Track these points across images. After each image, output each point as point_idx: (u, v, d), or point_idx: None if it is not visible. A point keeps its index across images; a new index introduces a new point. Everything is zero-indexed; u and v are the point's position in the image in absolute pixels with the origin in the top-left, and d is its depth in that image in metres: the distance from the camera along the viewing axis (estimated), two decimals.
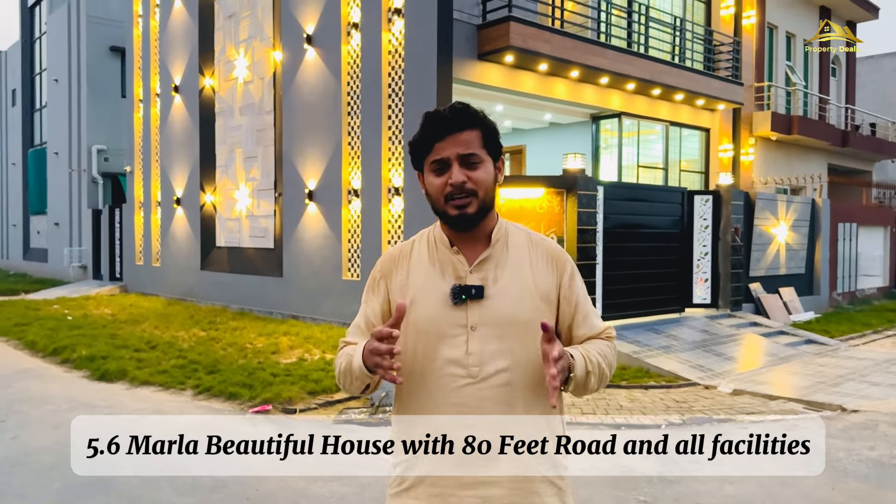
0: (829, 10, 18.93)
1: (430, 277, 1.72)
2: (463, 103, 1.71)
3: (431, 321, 1.68)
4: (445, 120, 1.68)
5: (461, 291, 1.66)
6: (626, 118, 12.80)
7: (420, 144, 1.72)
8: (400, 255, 1.79)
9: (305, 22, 11.74)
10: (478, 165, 1.68)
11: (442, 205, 1.69)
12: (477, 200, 1.68)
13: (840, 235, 14.96)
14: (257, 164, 13.19)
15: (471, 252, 1.72)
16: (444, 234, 1.75)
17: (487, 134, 1.71)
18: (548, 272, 1.74)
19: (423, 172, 1.74)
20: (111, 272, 18.40)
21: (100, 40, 19.97)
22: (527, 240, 1.79)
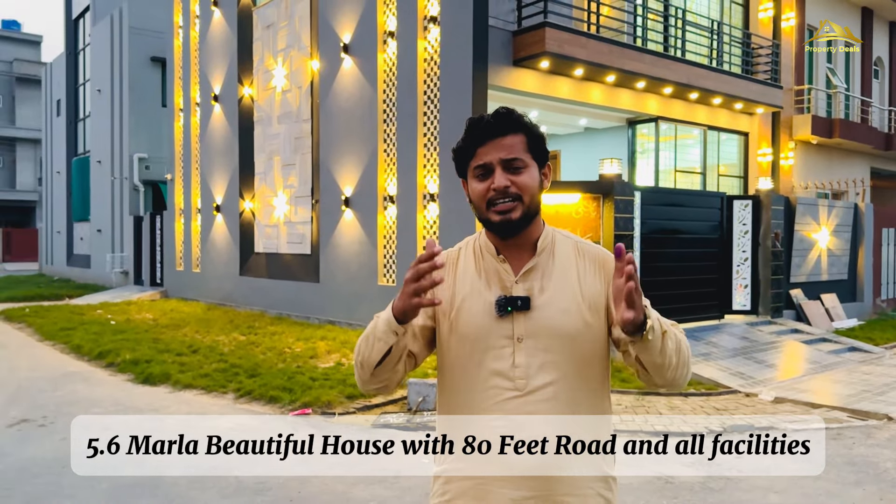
0: (871, 11, 18.53)
1: (476, 287, 1.68)
2: (507, 108, 1.69)
3: (477, 332, 1.64)
4: (488, 125, 1.66)
5: (507, 303, 1.63)
6: (662, 122, 12.69)
7: (463, 150, 1.70)
8: (446, 263, 1.74)
9: (342, 31, 11.90)
10: (522, 170, 1.65)
11: (485, 211, 1.66)
12: (522, 206, 1.64)
13: (884, 240, 14.60)
14: (295, 171, 13.38)
15: (517, 261, 1.69)
16: (490, 241, 1.71)
17: (532, 139, 1.68)
18: (596, 280, 1.69)
19: (467, 179, 1.71)
20: (152, 278, 18.79)
21: (141, 51, 20.47)
22: (574, 248, 1.73)
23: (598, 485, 1.65)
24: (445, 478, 1.69)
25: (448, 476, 1.68)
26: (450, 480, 1.68)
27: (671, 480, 4.82)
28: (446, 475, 1.69)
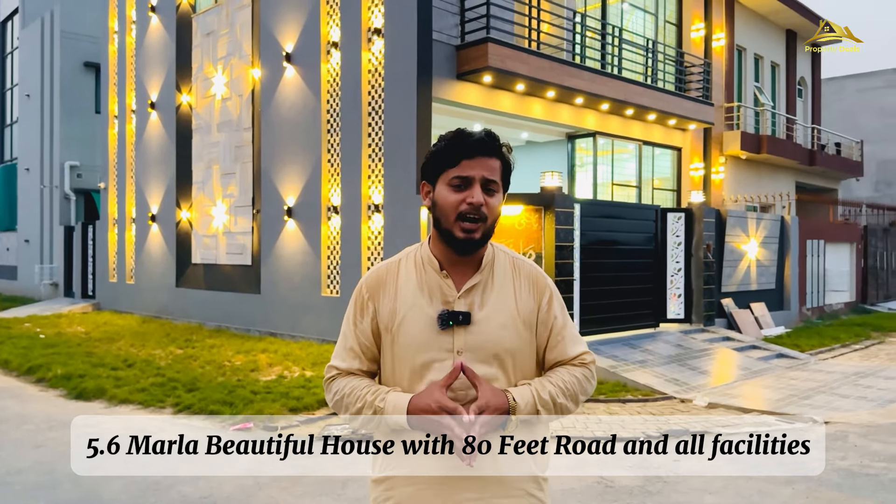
0: (795, 34, 19.54)
1: (418, 301, 1.71)
2: (493, 133, 1.74)
3: (419, 345, 1.69)
4: (481, 141, 1.70)
5: (449, 317, 1.68)
6: (600, 137, 13.06)
7: (445, 156, 1.70)
8: (387, 275, 1.77)
9: (284, 40, 11.83)
10: (495, 193, 1.71)
11: (451, 221, 1.68)
12: (484, 227, 1.69)
13: (808, 252, 15.34)
14: (235, 180, 13.18)
15: (459, 276, 1.73)
16: (434, 255, 1.75)
17: (506, 168, 1.76)
18: (529, 298, 1.77)
19: (435, 185, 1.73)
20: (83, 290, 18.14)
21: (74, 56, 19.83)
22: (511, 264, 1.80)
23: (530, 485, 1.72)
24: (388, 481, 1.73)
25: (391, 478, 1.72)
26: (392, 486, 1.72)
27: (611, 484, 4.96)
28: (389, 478, 1.73)
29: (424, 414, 1.59)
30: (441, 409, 1.57)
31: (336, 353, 1.81)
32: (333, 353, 1.82)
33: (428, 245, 1.78)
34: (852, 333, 13.28)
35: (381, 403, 1.65)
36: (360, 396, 1.69)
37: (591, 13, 12.99)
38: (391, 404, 1.64)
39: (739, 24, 17.07)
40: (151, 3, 15.29)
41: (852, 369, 9.98)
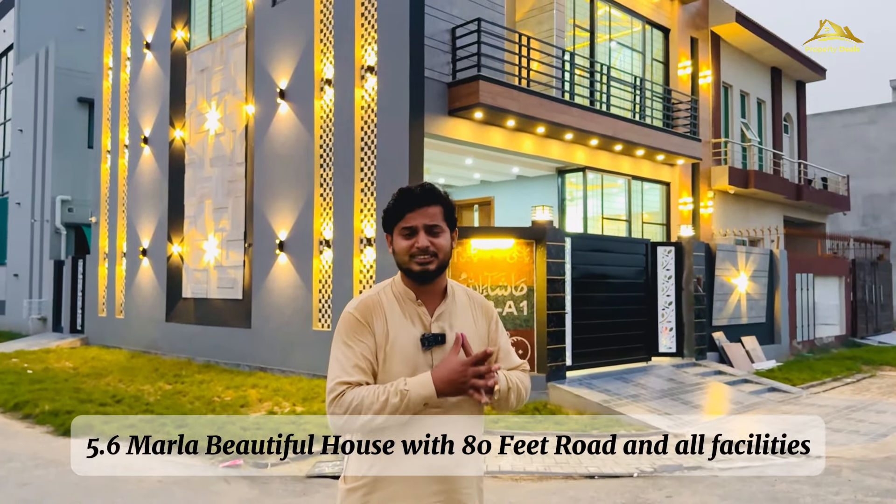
0: (780, 71, 19.94)
1: (404, 326, 2.06)
2: (431, 183, 2.12)
3: (407, 362, 2.02)
4: (417, 195, 2.07)
5: (430, 339, 2.04)
6: (590, 172, 13.20)
7: (393, 213, 2.09)
8: (375, 304, 2.08)
9: (279, 77, 11.97)
10: (440, 234, 2.08)
11: (407, 262, 2.06)
12: (437, 260, 2.06)
13: (798, 285, 15.43)
14: (227, 214, 13.21)
15: (430, 305, 2.11)
16: (408, 289, 2.10)
17: (448, 210, 2.12)
18: (483, 321, 2.19)
19: (393, 235, 2.11)
20: (72, 324, 17.98)
21: (67, 91, 19.96)
22: (466, 295, 2.21)
23: (479, 482, 2.12)
24: (368, 482, 2.00)
25: (371, 478, 2.00)
26: (374, 488, 1.99)
27: None
28: (369, 477, 2.00)
29: (449, 377, 1.94)
30: (464, 365, 1.94)
31: (340, 372, 2.01)
32: (334, 375, 2.02)
33: (400, 281, 2.13)
34: (843, 367, 13.31)
35: (405, 386, 1.94)
36: (382, 391, 1.95)
37: (580, 51, 13.24)
38: (414, 383, 1.95)
39: (725, 62, 17.42)
40: (146, 41, 15.47)
41: (844, 403, 9.99)
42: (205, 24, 14.45)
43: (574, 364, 9.90)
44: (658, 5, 15.06)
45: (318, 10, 11.39)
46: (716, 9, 16.59)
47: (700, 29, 16.33)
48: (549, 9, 12.31)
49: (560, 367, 9.43)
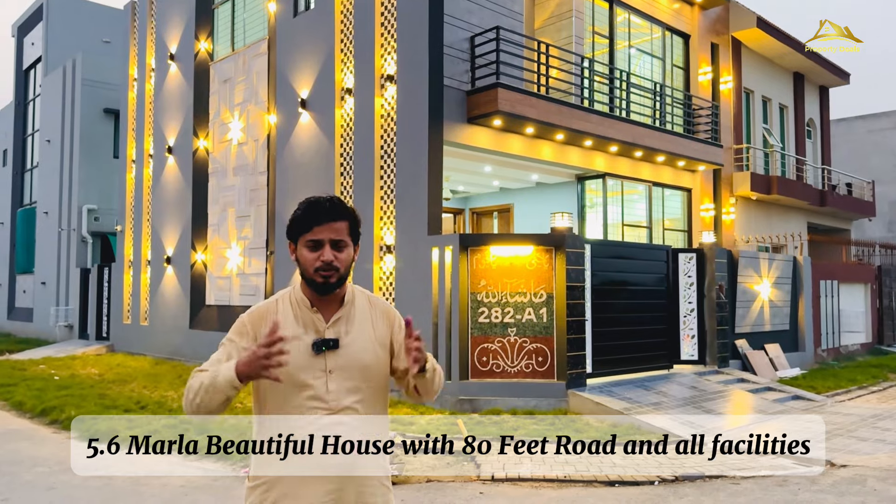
0: (802, 76, 19.75)
1: (295, 332, 2.13)
2: (338, 197, 2.19)
3: (297, 368, 2.08)
4: (326, 210, 2.14)
5: (322, 344, 2.12)
6: (609, 179, 13.17)
7: (301, 224, 2.15)
8: (267, 312, 2.18)
9: (300, 87, 12.12)
10: (344, 249, 2.16)
11: (311, 273, 2.13)
12: (338, 274, 2.14)
13: (822, 292, 15.24)
14: (250, 222, 13.37)
15: (326, 311, 2.18)
16: (306, 296, 2.18)
17: (353, 224, 2.20)
18: (383, 325, 2.25)
19: (297, 245, 2.18)
20: (98, 331, 18.26)
21: (94, 102, 20.34)
22: (367, 301, 2.28)
23: (384, 480, 2.19)
24: (266, 481, 2.08)
25: (269, 477, 2.08)
26: (271, 487, 2.07)
27: None
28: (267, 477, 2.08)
29: (245, 358, 1.96)
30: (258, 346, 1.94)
31: (205, 364, 2.13)
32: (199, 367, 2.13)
33: (299, 288, 2.21)
34: (869, 375, 13.10)
35: (213, 371, 2.02)
36: (202, 374, 2.04)
37: (599, 58, 13.24)
38: (225, 366, 2.00)
39: (746, 68, 17.30)
40: (171, 52, 15.74)
41: (870, 412, 9.84)
42: (227, 35, 14.68)
43: (594, 371, 9.86)
44: (678, 11, 15.02)
45: (339, 21, 11.52)
46: (737, 14, 16.49)
47: (721, 34, 16.25)
48: (568, 16, 12.34)
49: (580, 375, 9.40)
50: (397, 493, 5.82)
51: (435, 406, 9.24)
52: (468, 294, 9.32)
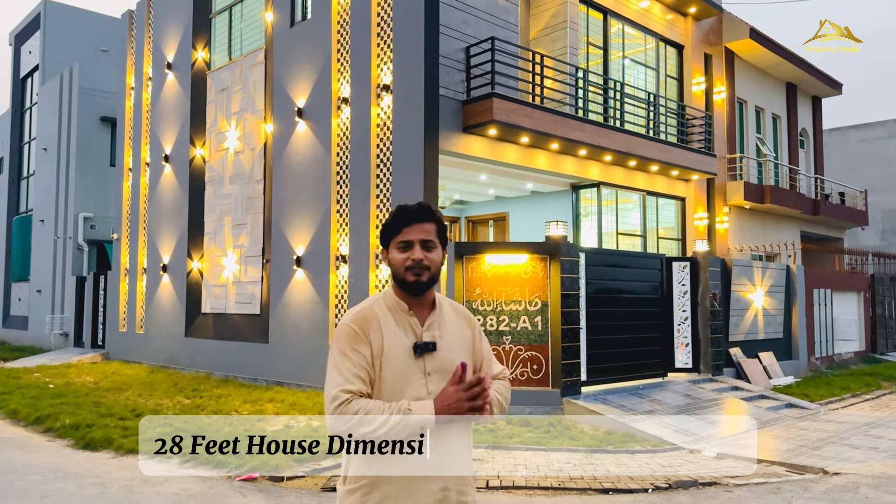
0: (795, 86, 19.91)
1: (398, 335, 2.20)
2: (427, 203, 2.28)
3: (401, 369, 2.16)
4: (414, 212, 2.24)
5: (423, 347, 2.18)
6: (604, 188, 13.25)
7: (392, 227, 2.25)
8: (370, 316, 2.21)
9: (297, 96, 12.18)
10: (433, 249, 2.24)
11: (402, 273, 2.21)
12: (429, 273, 2.21)
13: (815, 301, 15.32)
14: (246, 231, 13.40)
15: (420, 315, 2.25)
16: (401, 301, 2.24)
17: (441, 228, 2.28)
18: (467, 330, 2.35)
19: (389, 249, 2.26)
20: (93, 339, 18.24)
21: (91, 111, 20.39)
22: (451, 306, 2.36)
23: (473, 482, 2.24)
24: (368, 482, 2.10)
25: (372, 478, 2.10)
26: (374, 488, 2.09)
27: None
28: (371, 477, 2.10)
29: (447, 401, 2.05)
30: (459, 390, 2.05)
31: (342, 380, 2.13)
32: (336, 383, 2.14)
33: (393, 293, 2.26)
34: (862, 383, 13.17)
35: (409, 407, 2.06)
36: (387, 407, 2.06)
37: (593, 68, 13.34)
38: (418, 406, 2.06)
39: (740, 78, 17.44)
40: (168, 61, 15.80)
41: (863, 420, 9.89)
42: (225, 44, 14.75)
43: (589, 379, 9.90)
44: (671, 22, 15.15)
45: (335, 31, 11.60)
46: (730, 25, 16.64)
47: (714, 45, 16.39)
48: (563, 27, 12.46)
49: (575, 383, 9.44)
50: None
51: None
52: (463, 302, 9.37)
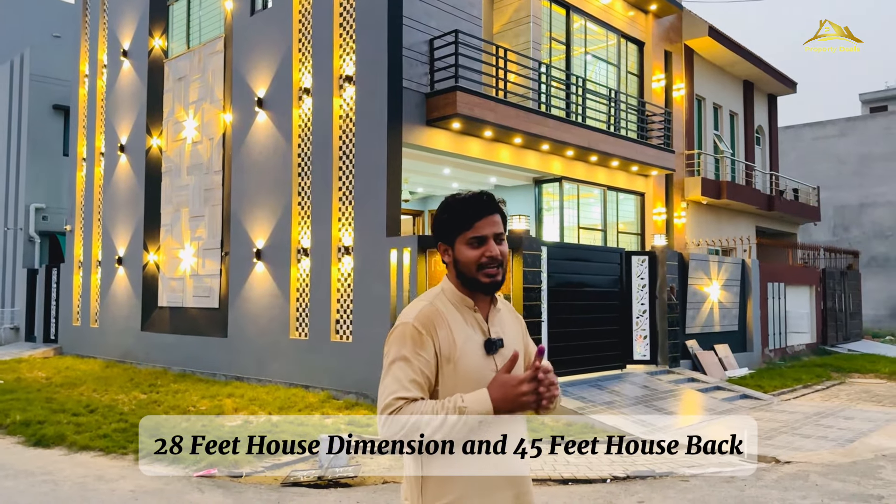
0: (752, 84, 20.34)
1: (468, 333, 2.06)
2: (489, 193, 2.10)
3: (475, 368, 2.02)
4: (485, 203, 2.07)
5: (494, 344, 2.07)
6: (566, 182, 13.36)
7: (460, 221, 2.06)
8: (435, 314, 2.04)
9: (257, 86, 12.00)
10: (502, 243, 2.10)
11: (474, 272, 2.04)
12: (503, 270, 2.08)
13: (769, 294, 15.70)
14: (204, 223, 13.16)
15: (482, 312, 2.11)
16: (465, 297, 2.09)
17: (503, 220, 2.14)
18: (518, 325, 2.25)
19: (454, 245, 2.08)
20: (45, 334, 17.75)
21: (43, 98, 19.77)
22: (503, 301, 2.24)
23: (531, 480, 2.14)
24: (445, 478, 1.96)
25: (449, 476, 1.96)
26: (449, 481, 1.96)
27: None
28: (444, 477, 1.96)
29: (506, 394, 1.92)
30: (520, 382, 1.92)
31: (398, 387, 1.95)
32: (391, 390, 1.95)
33: (454, 289, 2.10)
34: (813, 374, 13.55)
35: (463, 403, 1.90)
36: (440, 407, 1.91)
37: (556, 64, 13.42)
38: (472, 400, 1.91)
39: (698, 75, 17.74)
40: (123, 48, 15.41)
41: (813, 409, 10.19)
42: (183, 32, 14.44)
43: None
44: (633, 19, 15.32)
45: (297, 20, 11.45)
46: (689, 23, 16.90)
47: (674, 42, 16.63)
48: (526, 21, 12.49)
49: None
50: (352, 494, 5.83)
51: None
52: None
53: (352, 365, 10.00)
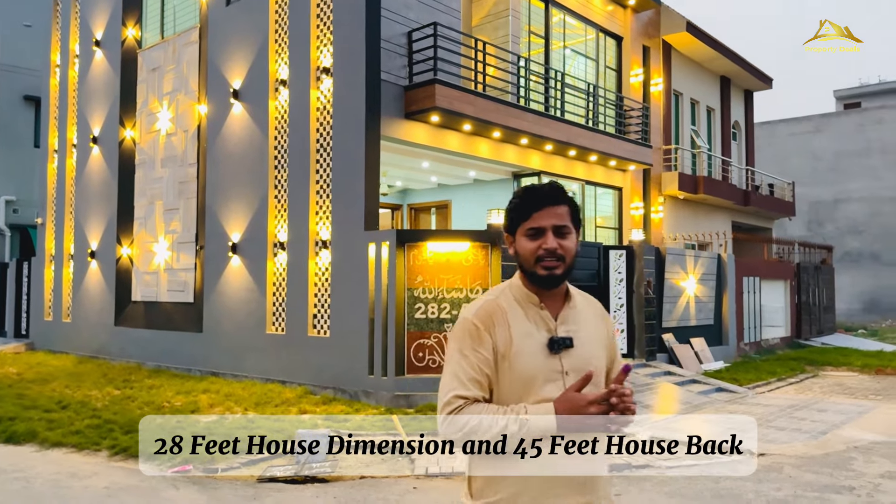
0: (729, 80, 20.51)
1: (528, 330, 1.95)
2: (558, 183, 2.02)
3: (535, 368, 1.91)
4: (546, 194, 1.98)
5: (559, 343, 1.94)
6: (545, 177, 13.37)
7: (520, 212, 1.99)
8: (495, 309, 1.97)
9: (232, 77, 11.83)
10: (567, 235, 1.98)
11: (532, 265, 1.96)
12: (564, 265, 1.96)
13: (745, 288, 15.87)
14: (178, 216, 12.98)
15: (552, 308, 2.00)
16: (531, 293, 2.00)
17: (574, 210, 2.02)
18: (601, 325, 2.09)
19: (515, 236, 2.01)
20: (16, 329, 17.42)
21: (13, 89, 19.39)
22: (584, 298, 2.10)
23: (609, 482, 2.02)
24: (492, 477, 1.89)
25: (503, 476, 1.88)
26: (496, 480, 1.88)
27: None
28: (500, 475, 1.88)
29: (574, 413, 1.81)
30: (589, 403, 1.81)
31: (457, 385, 1.90)
32: (451, 388, 1.91)
33: (520, 284, 2.02)
34: (788, 368, 13.72)
35: (525, 415, 1.84)
36: (502, 415, 1.84)
37: (535, 58, 13.40)
38: (535, 415, 1.83)
39: (676, 71, 17.84)
40: (96, 38, 15.12)
41: (788, 402, 10.32)
42: (157, 22, 14.19)
43: None
44: (611, 14, 15.35)
45: (273, 11, 11.30)
46: (667, 18, 16.99)
47: (652, 38, 16.70)
48: (505, 15, 12.45)
49: None
50: (330, 490, 5.78)
51: (370, 402, 9.20)
52: (405, 290, 9.32)
53: (329, 360, 9.93)
